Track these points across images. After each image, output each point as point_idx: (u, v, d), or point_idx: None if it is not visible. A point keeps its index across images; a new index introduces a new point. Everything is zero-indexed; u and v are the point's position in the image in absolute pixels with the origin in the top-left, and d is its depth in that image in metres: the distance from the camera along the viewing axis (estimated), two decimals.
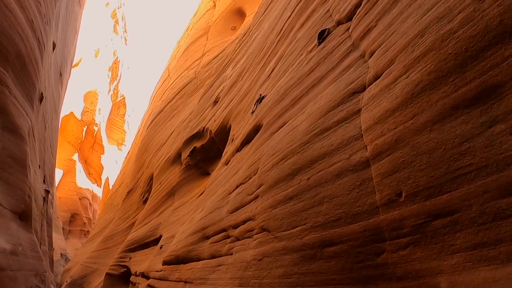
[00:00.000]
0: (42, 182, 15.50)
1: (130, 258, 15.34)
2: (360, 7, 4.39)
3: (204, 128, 11.87)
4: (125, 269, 15.65)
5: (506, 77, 2.07)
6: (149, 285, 10.11)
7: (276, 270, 3.83)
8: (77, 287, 23.32)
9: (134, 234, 15.75)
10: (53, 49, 13.64)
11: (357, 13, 4.46)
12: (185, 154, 13.10)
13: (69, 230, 49.25)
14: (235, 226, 5.30)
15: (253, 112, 6.96)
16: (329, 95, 4.06)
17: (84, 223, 51.10)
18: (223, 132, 9.89)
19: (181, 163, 13.45)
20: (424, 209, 2.39)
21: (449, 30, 2.52)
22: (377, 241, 2.76)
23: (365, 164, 3.00)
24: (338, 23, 5.11)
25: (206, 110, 12.77)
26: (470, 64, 2.27)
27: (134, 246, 15.21)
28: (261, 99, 6.66)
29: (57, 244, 34.82)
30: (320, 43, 5.42)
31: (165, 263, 9.08)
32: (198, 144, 12.24)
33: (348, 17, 4.78)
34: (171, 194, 13.44)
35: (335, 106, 3.78)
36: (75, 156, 54.51)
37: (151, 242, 13.34)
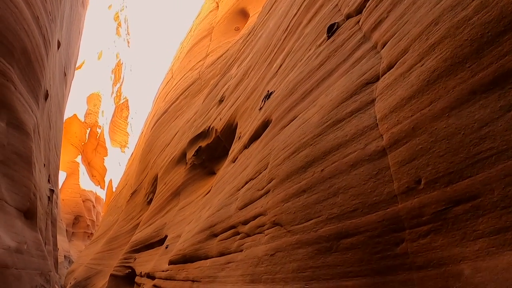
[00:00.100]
0: (47, 181, 15.45)
1: (135, 259, 15.31)
2: (370, 0, 4.42)
3: (209, 127, 11.85)
4: (130, 270, 15.62)
5: None
6: (155, 285, 10.05)
7: (289, 265, 3.78)
8: None
9: (139, 235, 15.73)
10: (58, 47, 13.64)
11: (367, 6, 4.51)
12: (190, 154, 13.09)
13: (73, 232, 49.33)
14: (245, 222, 5.26)
15: (260, 108, 6.93)
16: (341, 86, 4.05)
17: (88, 225, 51.17)
18: (229, 130, 9.87)
19: (186, 163, 13.43)
20: (445, 196, 2.36)
21: (464, 17, 2.53)
22: (396, 230, 2.71)
23: (382, 153, 2.98)
24: (348, 17, 5.14)
25: (211, 109, 12.76)
26: (486, 49, 2.28)
27: (138, 246, 15.18)
28: (269, 95, 6.63)
29: (61, 246, 34.84)
30: (329, 37, 5.41)
31: (171, 262, 9.02)
32: (203, 143, 12.23)
33: (358, 10, 4.84)
34: (176, 194, 13.42)
35: (348, 97, 3.79)
36: (79, 158, 54.69)
37: (156, 243, 13.31)
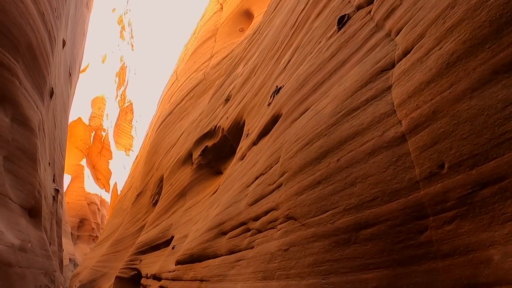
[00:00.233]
0: (52, 181, 15.35)
1: (141, 260, 15.20)
2: None
3: (216, 127, 11.75)
4: (135, 272, 15.51)
5: None
6: (161, 287, 9.91)
7: (305, 259, 3.64)
8: None
9: (145, 236, 15.64)
10: (63, 46, 13.59)
11: None
12: (196, 154, 12.99)
13: (78, 235, 49.40)
14: (256, 218, 5.13)
15: (269, 104, 6.82)
16: (355, 76, 3.98)
17: (93, 228, 51.23)
18: (237, 128, 9.76)
19: (192, 163, 13.34)
20: (470, 179, 2.28)
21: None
22: (419, 218, 2.61)
23: (401, 139, 2.91)
24: (358, 8, 5.10)
25: (217, 108, 12.67)
26: (506, 29, 2.24)
27: (144, 248, 15.08)
28: (278, 90, 6.51)
29: (66, 249, 34.87)
30: (340, 28, 5.32)
31: (178, 262, 8.90)
32: (209, 143, 12.13)
33: (369, 1, 4.84)
34: (182, 194, 13.31)
35: (363, 86, 3.73)
36: (83, 162, 54.87)
37: (162, 244, 13.19)
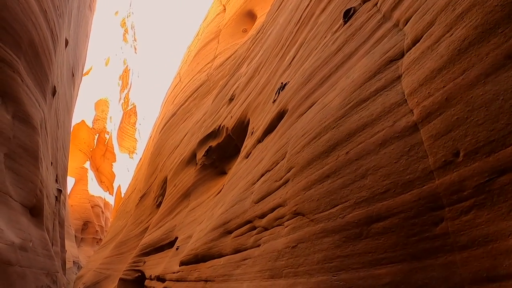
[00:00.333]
0: (55, 181, 15.26)
1: (144, 262, 15.11)
2: None
3: (220, 126, 11.67)
4: (139, 274, 15.42)
5: None
6: None
7: (314, 256, 3.53)
8: None
9: (148, 238, 15.55)
10: (66, 46, 13.54)
11: None
12: (200, 154, 12.91)
13: (82, 238, 49.43)
14: (262, 216, 5.02)
15: (274, 101, 6.73)
16: (363, 67, 3.90)
17: (97, 231, 51.25)
18: (241, 127, 9.67)
19: (196, 164, 13.25)
20: (487, 166, 2.18)
21: None
22: (434, 209, 2.50)
23: (413, 128, 2.82)
24: (364, 1, 5.02)
25: (221, 108, 12.59)
26: None
27: (148, 250, 15.00)
28: (283, 86, 6.42)
29: (70, 251, 34.87)
30: (346, 22, 5.23)
31: (182, 263, 8.81)
32: (213, 143, 12.04)
33: None
34: (186, 195, 13.22)
35: (371, 77, 3.66)
36: (87, 164, 55.00)
37: (166, 245, 13.10)
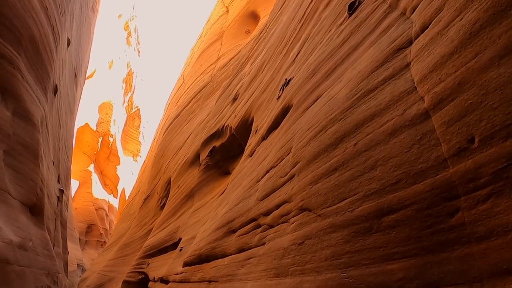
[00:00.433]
0: (57, 181, 15.14)
1: (148, 264, 15.02)
2: None
3: (223, 126, 11.57)
4: (143, 276, 15.33)
5: None
6: None
7: (321, 252, 3.40)
8: None
9: (152, 240, 15.47)
10: (68, 45, 13.50)
11: None
12: (204, 155, 12.81)
13: (86, 240, 49.46)
14: (267, 213, 4.90)
15: (278, 97, 6.62)
16: (370, 57, 3.79)
17: (101, 233, 51.26)
18: (245, 126, 9.57)
19: (200, 164, 13.16)
20: (505, 151, 2.06)
21: None
22: (449, 199, 2.36)
23: (424, 115, 2.71)
24: None
25: (224, 108, 12.50)
26: None
27: (152, 251, 14.91)
28: (287, 82, 6.31)
29: (74, 254, 34.87)
30: (351, 14, 5.13)
31: (186, 264, 8.71)
32: (217, 143, 11.95)
33: None
34: (190, 196, 13.12)
35: (379, 66, 3.55)
36: (91, 167, 55.13)
37: (170, 247, 13.00)
